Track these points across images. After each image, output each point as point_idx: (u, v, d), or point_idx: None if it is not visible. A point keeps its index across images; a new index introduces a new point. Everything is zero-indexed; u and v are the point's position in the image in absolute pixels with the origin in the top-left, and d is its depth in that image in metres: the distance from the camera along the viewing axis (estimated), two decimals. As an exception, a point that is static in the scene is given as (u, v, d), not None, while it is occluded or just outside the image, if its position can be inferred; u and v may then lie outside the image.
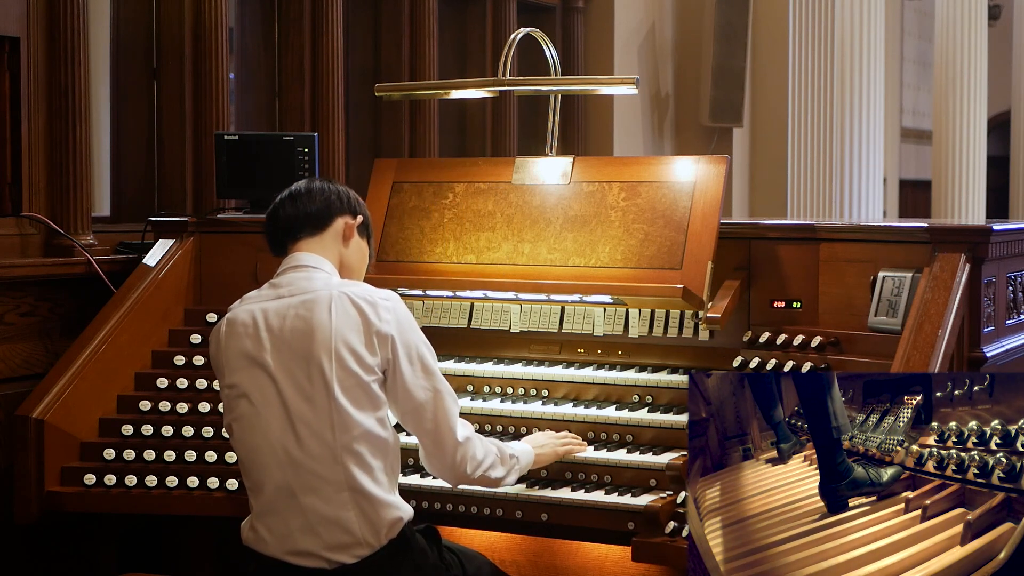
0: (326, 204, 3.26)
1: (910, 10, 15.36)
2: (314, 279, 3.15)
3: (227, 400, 3.16)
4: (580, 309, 3.80)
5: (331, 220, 3.26)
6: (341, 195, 3.30)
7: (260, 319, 3.11)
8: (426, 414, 3.12)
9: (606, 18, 7.65)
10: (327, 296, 3.08)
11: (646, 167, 3.77)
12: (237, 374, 3.11)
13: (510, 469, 3.28)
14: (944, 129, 11.57)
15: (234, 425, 3.14)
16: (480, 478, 3.21)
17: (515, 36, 4.03)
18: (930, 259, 3.28)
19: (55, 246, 4.24)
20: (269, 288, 3.19)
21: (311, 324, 3.05)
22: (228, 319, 3.17)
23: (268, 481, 3.06)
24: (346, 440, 3.01)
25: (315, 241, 3.24)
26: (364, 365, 3.05)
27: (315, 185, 3.30)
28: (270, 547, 3.06)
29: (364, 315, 3.07)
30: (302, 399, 3.03)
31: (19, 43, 4.14)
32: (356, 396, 3.03)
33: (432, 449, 3.17)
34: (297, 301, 3.10)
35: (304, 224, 3.25)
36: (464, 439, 3.17)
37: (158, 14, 5.06)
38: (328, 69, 5.63)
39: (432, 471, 3.24)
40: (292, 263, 3.22)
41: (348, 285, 3.15)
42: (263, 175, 4.49)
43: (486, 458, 3.21)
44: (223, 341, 3.15)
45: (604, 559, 3.53)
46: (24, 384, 3.97)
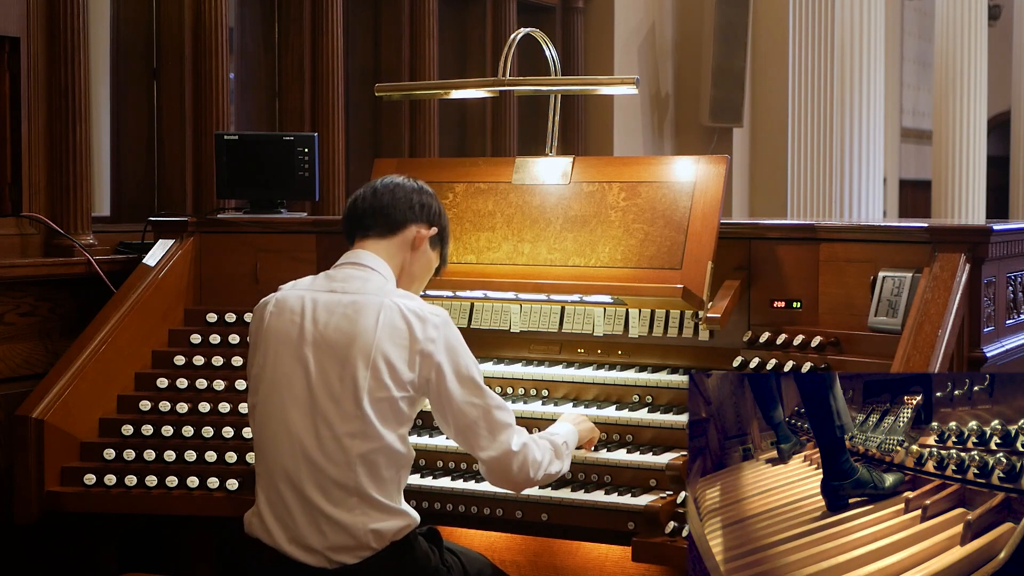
0: (403, 209, 3.23)
1: (910, 10, 15.36)
2: (370, 281, 3.12)
3: (254, 378, 3.13)
4: (580, 309, 3.80)
5: (403, 226, 3.23)
6: (424, 203, 3.26)
7: (309, 308, 3.09)
8: (480, 431, 3.09)
9: (606, 18, 7.65)
10: (377, 303, 3.05)
11: (646, 167, 3.77)
12: (272, 356, 3.09)
13: (565, 457, 3.27)
14: (944, 129, 11.57)
15: (257, 405, 3.12)
16: (543, 478, 3.19)
17: (515, 36, 4.03)
18: (930, 259, 3.28)
19: (55, 246, 4.24)
20: (324, 279, 3.16)
21: (355, 328, 3.03)
22: (278, 299, 3.15)
23: (279, 471, 3.05)
24: (364, 450, 3.00)
25: (382, 243, 3.22)
26: (398, 380, 3.02)
27: (400, 186, 3.26)
28: (274, 534, 3.05)
29: (412, 330, 3.04)
30: (330, 399, 3.02)
31: (19, 43, 4.14)
32: (383, 410, 3.01)
33: (491, 464, 3.13)
34: (347, 300, 3.08)
35: (375, 223, 3.23)
36: (520, 447, 3.13)
37: (158, 14, 5.06)
38: (328, 69, 5.63)
39: (495, 484, 3.21)
40: (352, 259, 3.20)
41: (402, 297, 3.11)
42: (263, 175, 4.50)
43: (544, 457, 3.18)
44: (268, 319, 3.13)
45: (604, 559, 3.53)
46: (24, 384, 3.97)
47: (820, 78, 8.75)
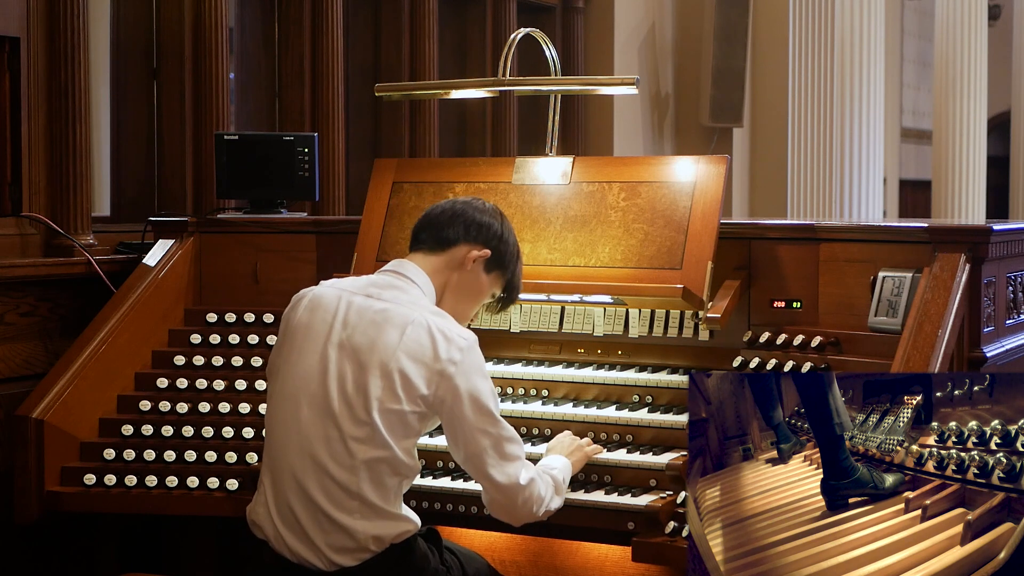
0: (456, 227, 3.22)
1: (910, 10, 15.36)
2: (407, 293, 3.12)
3: (276, 367, 3.14)
4: (580, 309, 3.80)
5: (453, 244, 3.22)
6: (482, 224, 3.24)
7: (343, 309, 3.08)
8: (489, 460, 3.06)
9: (606, 18, 7.65)
10: (407, 316, 3.04)
11: (646, 167, 3.77)
12: (299, 350, 3.09)
13: (563, 493, 3.25)
14: (944, 129, 11.57)
15: (274, 397, 3.12)
16: (543, 514, 3.17)
17: (515, 36, 4.03)
18: (930, 259, 3.28)
19: (55, 246, 4.24)
20: (366, 282, 3.17)
21: (379, 336, 3.02)
22: (317, 293, 3.15)
23: (285, 467, 3.05)
24: (370, 456, 3.00)
25: (430, 258, 3.22)
26: (412, 395, 3.00)
27: (467, 203, 3.27)
28: (276, 527, 3.05)
29: (436, 348, 3.02)
30: (343, 402, 3.01)
31: (19, 43, 4.14)
32: (391, 421, 3.00)
33: (496, 495, 3.11)
34: (379, 307, 3.07)
35: (428, 236, 3.24)
36: (528, 481, 3.10)
37: (158, 14, 5.06)
38: (328, 69, 5.63)
39: (495, 515, 3.17)
40: (397, 268, 3.20)
41: (434, 314, 3.09)
42: (263, 175, 4.50)
43: (547, 494, 3.16)
44: (301, 311, 3.13)
45: (604, 559, 3.53)
46: (24, 384, 3.97)
47: (820, 78, 8.75)
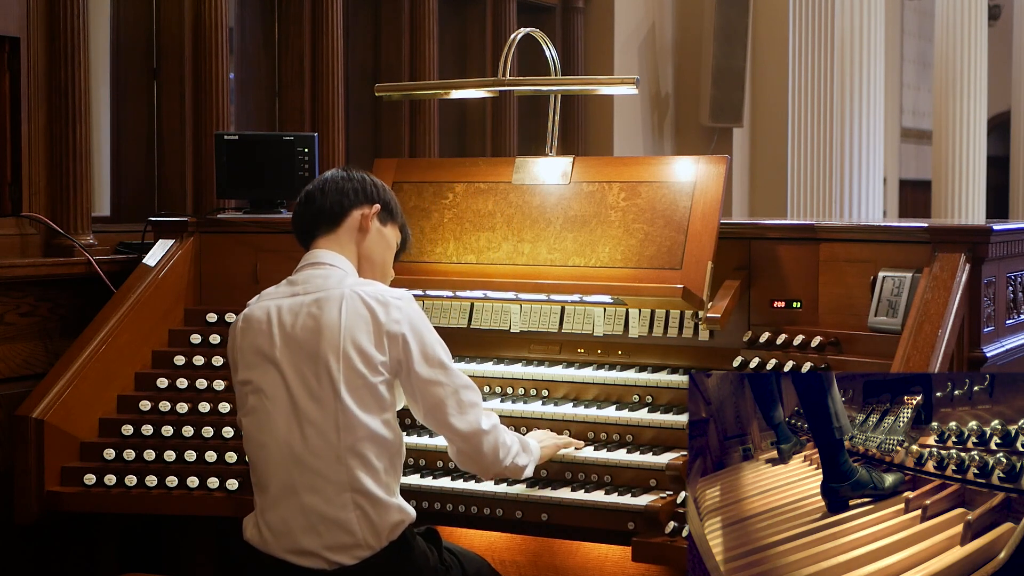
0: (338, 199, 3.25)
1: (910, 10, 15.36)
2: (330, 277, 3.15)
3: (240, 396, 3.17)
4: (580, 309, 3.80)
5: (345, 215, 3.25)
6: (356, 186, 3.27)
7: (274, 316, 3.11)
8: (448, 409, 3.11)
9: (606, 18, 7.65)
10: (339, 295, 3.08)
11: (646, 167, 3.77)
12: (250, 370, 3.12)
13: (531, 459, 3.27)
14: (944, 129, 11.57)
15: (244, 421, 3.15)
16: (511, 465, 3.20)
17: (515, 36, 4.03)
18: (930, 259, 3.28)
19: (55, 246, 4.24)
20: (286, 285, 3.19)
21: (321, 323, 3.06)
22: (244, 315, 3.18)
23: (273, 479, 3.07)
24: (350, 441, 3.01)
25: (331, 238, 3.24)
26: (371, 366, 3.04)
27: (330, 179, 3.28)
28: (271, 546, 3.06)
29: (374, 314, 3.06)
30: (310, 398, 3.04)
31: (19, 43, 4.14)
32: (362, 397, 3.03)
33: (461, 445, 3.15)
34: (310, 299, 3.10)
35: (318, 222, 3.25)
36: (491, 427, 3.16)
37: (158, 14, 5.06)
38: (328, 69, 5.63)
39: (464, 467, 3.22)
40: (309, 260, 3.22)
41: (361, 284, 3.14)
42: (263, 175, 4.50)
43: (513, 444, 3.21)
44: (239, 337, 3.16)
45: (604, 559, 3.53)
46: (24, 384, 3.97)
47: (820, 78, 8.75)
